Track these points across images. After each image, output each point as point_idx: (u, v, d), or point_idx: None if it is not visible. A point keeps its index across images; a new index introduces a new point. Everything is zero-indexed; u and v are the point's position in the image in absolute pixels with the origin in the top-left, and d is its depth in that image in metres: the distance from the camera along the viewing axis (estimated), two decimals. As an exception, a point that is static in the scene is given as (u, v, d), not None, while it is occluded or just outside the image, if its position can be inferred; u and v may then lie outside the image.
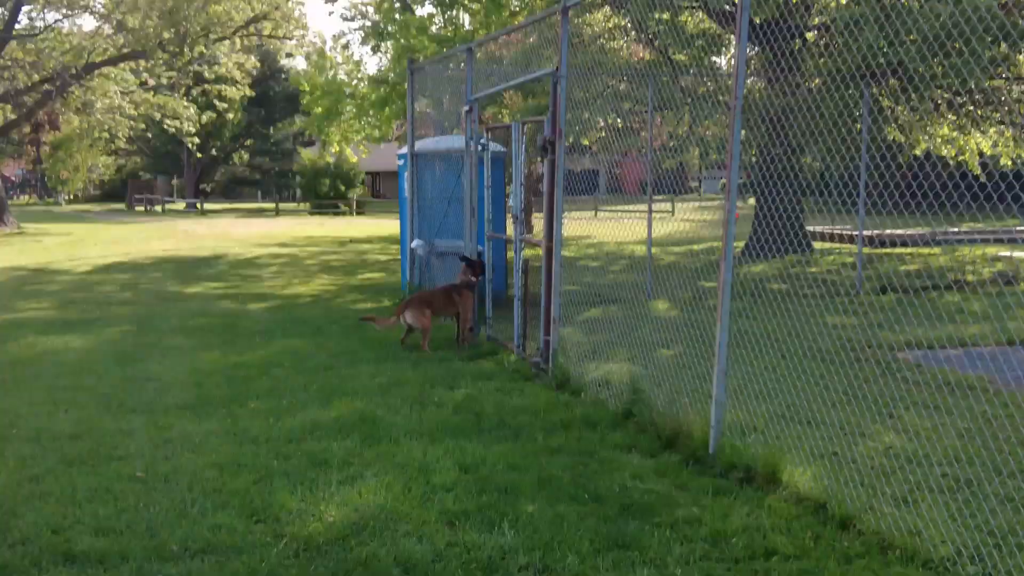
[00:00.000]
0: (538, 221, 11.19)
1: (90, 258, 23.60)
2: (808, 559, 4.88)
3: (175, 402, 8.17)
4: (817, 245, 24.74)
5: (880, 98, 18.92)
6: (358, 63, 27.52)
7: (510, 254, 14.46)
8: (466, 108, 11.45)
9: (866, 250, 23.21)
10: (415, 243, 13.90)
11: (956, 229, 21.88)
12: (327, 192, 53.98)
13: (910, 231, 21.71)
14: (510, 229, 11.64)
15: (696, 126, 20.35)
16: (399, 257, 24.75)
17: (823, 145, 17.24)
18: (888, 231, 22.20)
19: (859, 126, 17.31)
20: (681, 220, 27.51)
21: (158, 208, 58.53)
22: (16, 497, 5.71)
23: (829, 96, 17.45)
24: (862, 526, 5.25)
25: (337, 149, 28.90)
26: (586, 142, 23.21)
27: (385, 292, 16.88)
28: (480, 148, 11.27)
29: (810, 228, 24.62)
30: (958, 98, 19.81)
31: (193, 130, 36.73)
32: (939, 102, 19.85)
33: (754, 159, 21.92)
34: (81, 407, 7.98)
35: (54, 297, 15.81)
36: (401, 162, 15.49)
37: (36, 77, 33.57)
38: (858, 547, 5.01)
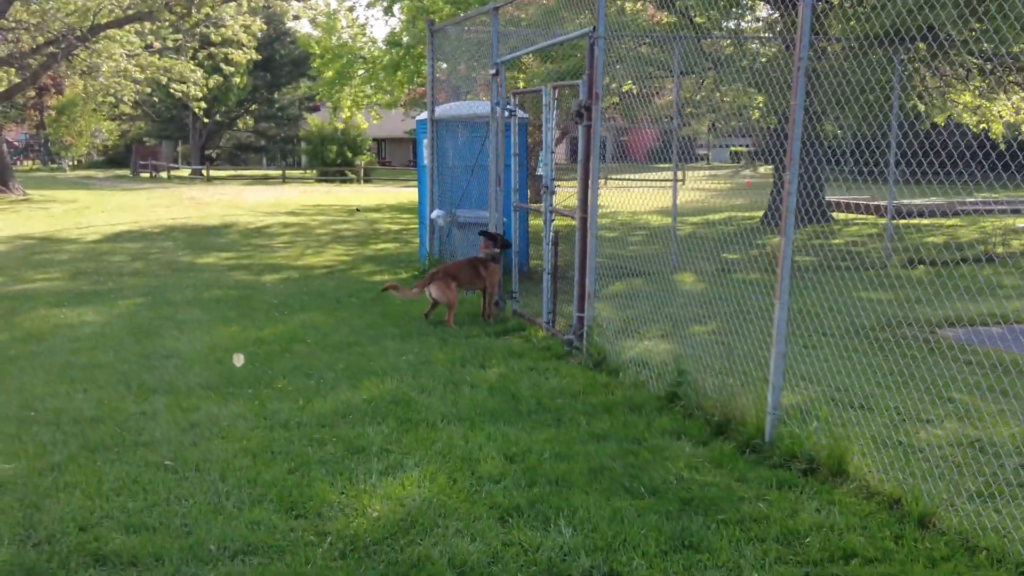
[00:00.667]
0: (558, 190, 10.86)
1: (98, 226, 23.23)
2: (891, 562, 4.54)
3: (198, 381, 7.83)
4: (836, 216, 24.34)
5: (908, 64, 18.42)
6: (363, 27, 26.86)
7: (533, 222, 14.13)
8: (492, 71, 11.03)
9: (892, 221, 22.83)
10: (435, 213, 13.52)
11: (975, 199, 21.48)
12: (334, 159, 53.43)
13: (930, 201, 21.31)
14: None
15: (716, 92, 19.89)
16: (412, 227, 24.40)
17: (848, 112, 16.79)
18: (907, 201, 21.79)
19: (883, 92, 16.87)
20: (692, 189, 27.11)
21: (163, 174, 57.99)
22: (39, 489, 5.37)
23: (856, 61, 16.98)
24: (942, 525, 4.92)
25: (348, 115, 28.38)
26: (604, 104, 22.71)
27: (401, 263, 16.52)
28: (508, 114, 10.86)
29: (828, 198, 24.23)
30: (988, 63, 19.32)
31: (200, 94, 36.15)
32: (969, 67, 19.34)
33: (773, 126, 21.32)
34: (100, 387, 7.65)
35: (64, 267, 15.46)
36: (419, 129, 15.09)
37: (40, 39, 32.96)
38: (943, 548, 4.67)
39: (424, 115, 14.74)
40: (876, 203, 23.86)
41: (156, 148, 69.17)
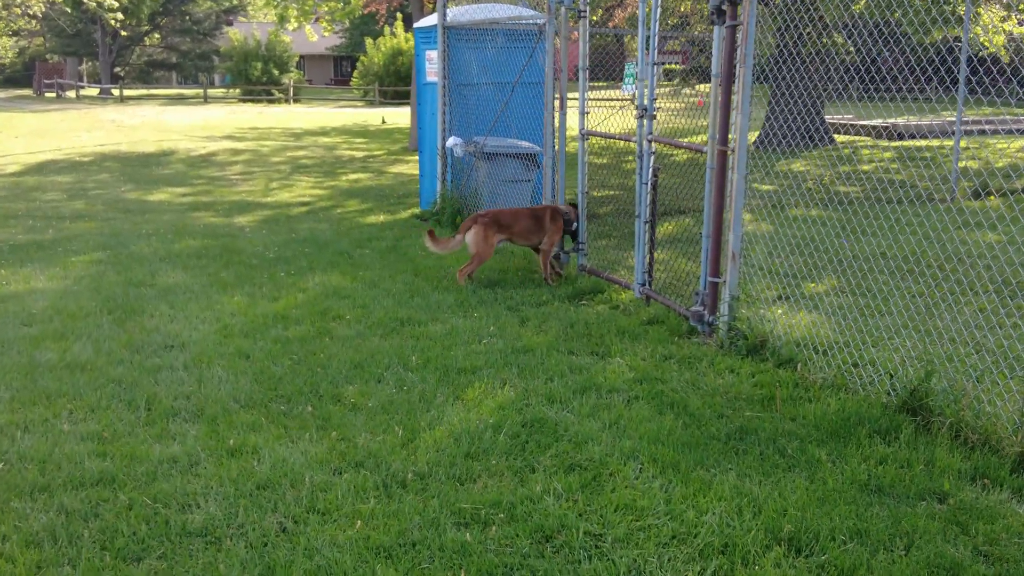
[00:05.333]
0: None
1: (15, 154, 20.19)
2: None
3: (230, 393, 5.49)
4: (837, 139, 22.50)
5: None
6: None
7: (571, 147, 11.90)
8: (552, -40, 8.65)
9: (889, 143, 21.03)
10: (452, 140, 11.14)
11: (950, 117, 19.75)
12: (259, 77, 49.73)
13: (936, 120, 19.54)
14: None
15: None
16: (377, 153, 21.85)
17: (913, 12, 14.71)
18: (911, 121, 20.06)
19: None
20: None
21: (71, 94, 53.65)
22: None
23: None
24: None
25: (295, 26, 25.30)
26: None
27: (390, 200, 14.13)
28: (577, 15, 8.51)
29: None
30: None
31: (116, 4, 32.51)
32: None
33: (772, 40, 18.94)
34: (92, 408, 5.27)
35: (-13, 209, 12.73)
36: (419, 37, 12.61)
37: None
38: None
39: (427, 21, 12.26)
40: (863, 124, 22.09)
41: (60, 66, 64.20)
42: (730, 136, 6.71)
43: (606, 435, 4.89)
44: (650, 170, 7.86)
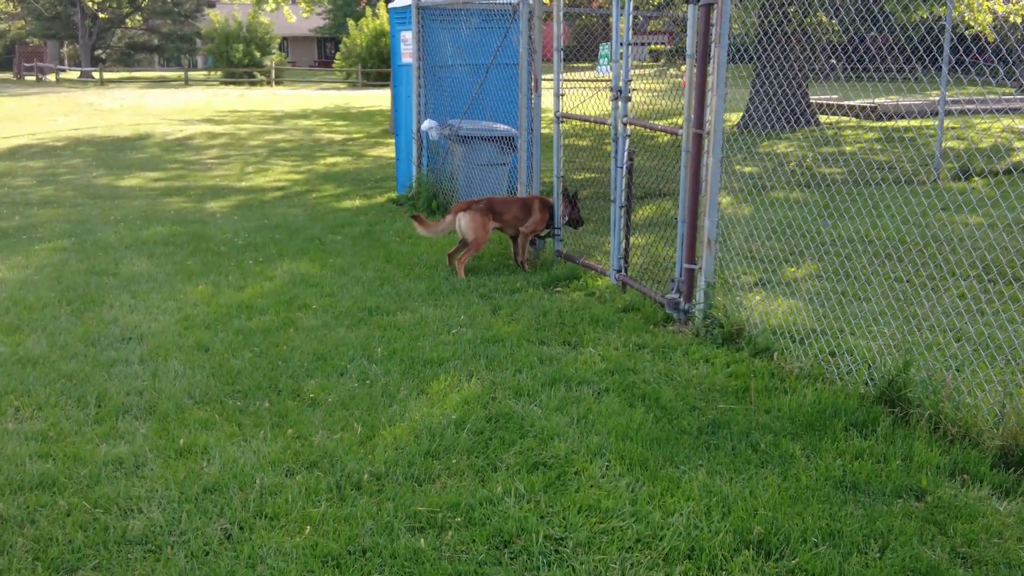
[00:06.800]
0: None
1: (-12, 139, 19.89)
2: None
3: (184, 389, 5.28)
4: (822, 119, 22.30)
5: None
6: None
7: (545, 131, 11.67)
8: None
9: (873, 124, 20.86)
10: (427, 123, 10.92)
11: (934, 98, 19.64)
12: (241, 59, 49.21)
13: (917, 100, 19.36)
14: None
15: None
16: (356, 136, 21.59)
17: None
18: (883, 100, 19.95)
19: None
20: (632, 90, 24.72)
21: (51, 77, 53.09)
22: None
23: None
24: None
25: (273, 7, 24.89)
26: None
27: (368, 184, 13.90)
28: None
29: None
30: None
31: (94, -13, 32.07)
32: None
33: (755, 20, 18.77)
34: (39, 404, 5.06)
35: (-47, 195, 12.46)
36: (394, 18, 12.36)
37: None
38: None
39: (401, 1, 12.00)
40: (855, 104, 21.90)
41: (41, 49, 63.47)
42: (706, 118, 6.52)
43: (573, 430, 4.71)
44: (625, 153, 7.64)
